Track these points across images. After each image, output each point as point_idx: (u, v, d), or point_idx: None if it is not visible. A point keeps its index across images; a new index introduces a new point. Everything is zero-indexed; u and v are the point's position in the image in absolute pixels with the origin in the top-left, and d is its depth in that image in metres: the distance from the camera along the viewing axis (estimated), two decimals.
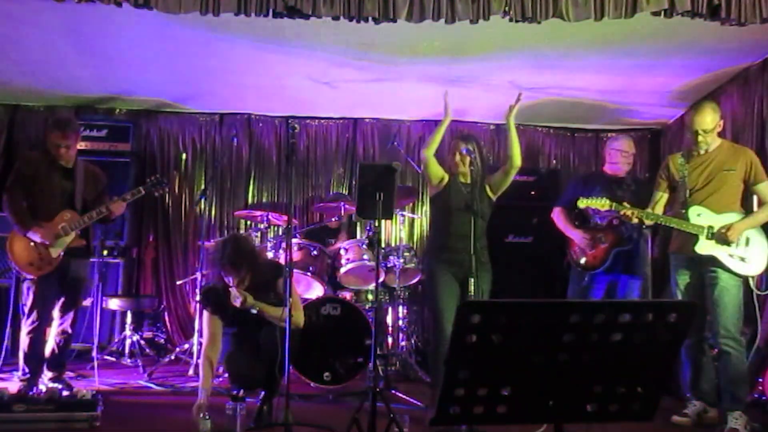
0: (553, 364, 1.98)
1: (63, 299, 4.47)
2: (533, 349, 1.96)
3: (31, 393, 3.95)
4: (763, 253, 3.94)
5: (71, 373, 4.90)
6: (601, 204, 4.14)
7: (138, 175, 6.20)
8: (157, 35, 4.73)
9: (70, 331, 4.51)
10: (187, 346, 5.63)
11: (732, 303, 3.86)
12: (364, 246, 5.23)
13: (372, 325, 4.56)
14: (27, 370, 4.39)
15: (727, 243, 3.87)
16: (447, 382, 1.96)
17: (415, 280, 5.60)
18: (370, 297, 5.50)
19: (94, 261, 5.09)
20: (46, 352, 4.44)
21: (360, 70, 5.34)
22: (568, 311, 1.95)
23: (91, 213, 4.40)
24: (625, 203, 4.09)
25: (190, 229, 6.64)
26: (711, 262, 3.91)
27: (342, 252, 5.28)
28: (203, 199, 6.19)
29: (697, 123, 3.95)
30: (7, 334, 4.82)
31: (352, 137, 6.89)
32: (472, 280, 3.68)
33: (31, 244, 4.29)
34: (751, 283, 4.05)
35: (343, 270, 5.22)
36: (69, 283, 4.46)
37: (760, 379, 4.26)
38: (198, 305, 5.11)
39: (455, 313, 1.93)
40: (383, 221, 4.12)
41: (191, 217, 6.66)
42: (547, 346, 1.97)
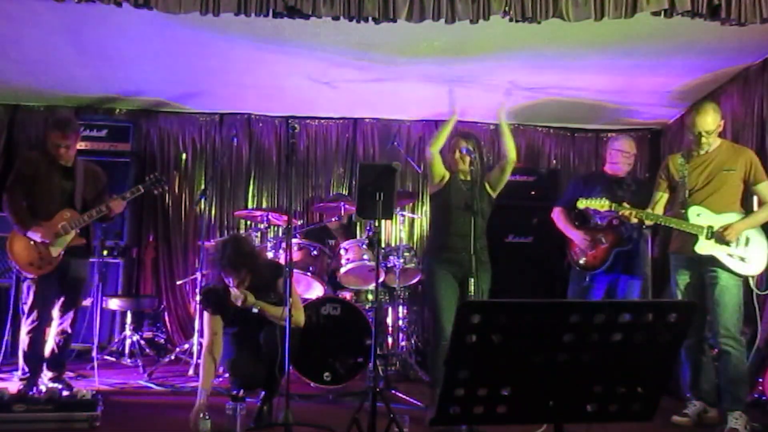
0: (553, 364, 1.98)
1: (63, 299, 4.47)
2: (533, 349, 1.96)
3: (30, 393, 3.96)
4: (763, 253, 3.93)
5: (71, 373, 4.90)
6: (600, 204, 4.15)
7: (138, 175, 6.19)
8: (157, 35, 4.73)
9: (69, 330, 4.51)
10: (187, 346, 5.63)
11: (732, 303, 3.86)
12: (364, 246, 5.22)
13: (372, 325, 4.55)
14: (27, 369, 4.39)
15: (727, 243, 3.87)
16: (447, 382, 1.97)
17: (415, 280, 5.59)
18: (370, 297, 5.49)
19: (94, 261, 5.09)
20: (46, 351, 4.44)
21: (360, 70, 5.34)
22: (568, 311, 1.95)
23: (91, 211, 4.41)
24: (625, 203, 4.09)
25: (190, 229, 6.64)
26: (711, 262, 3.91)
27: (342, 252, 5.28)
28: (203, 199, 6.18)
29: (699, 124, 3.95)
30: (7, 333, 4.82)
31: (352, 137, 6.88)
32: (471, 280, 3.68)
33: (31, 243, 4.29)
34: (751, 283, 4.05)
35: (343, 270, 5.21)
36: (69, 282, 4.46)
37: (760, 379, 4.26)
38: (198, 305, 5.11)
39: (455, 313, 1.93)
40: (383, 221, 4.12)
41: (191, 217, 6.66)
42: (547, 346, 1.97)
